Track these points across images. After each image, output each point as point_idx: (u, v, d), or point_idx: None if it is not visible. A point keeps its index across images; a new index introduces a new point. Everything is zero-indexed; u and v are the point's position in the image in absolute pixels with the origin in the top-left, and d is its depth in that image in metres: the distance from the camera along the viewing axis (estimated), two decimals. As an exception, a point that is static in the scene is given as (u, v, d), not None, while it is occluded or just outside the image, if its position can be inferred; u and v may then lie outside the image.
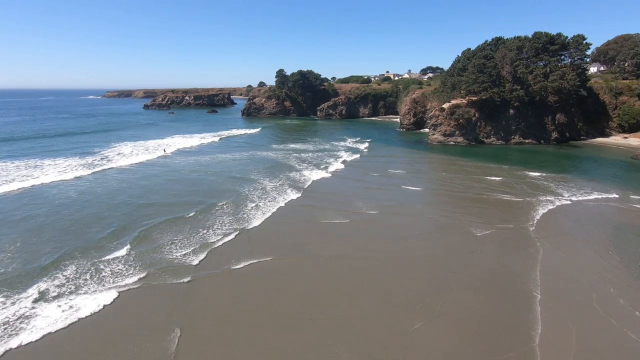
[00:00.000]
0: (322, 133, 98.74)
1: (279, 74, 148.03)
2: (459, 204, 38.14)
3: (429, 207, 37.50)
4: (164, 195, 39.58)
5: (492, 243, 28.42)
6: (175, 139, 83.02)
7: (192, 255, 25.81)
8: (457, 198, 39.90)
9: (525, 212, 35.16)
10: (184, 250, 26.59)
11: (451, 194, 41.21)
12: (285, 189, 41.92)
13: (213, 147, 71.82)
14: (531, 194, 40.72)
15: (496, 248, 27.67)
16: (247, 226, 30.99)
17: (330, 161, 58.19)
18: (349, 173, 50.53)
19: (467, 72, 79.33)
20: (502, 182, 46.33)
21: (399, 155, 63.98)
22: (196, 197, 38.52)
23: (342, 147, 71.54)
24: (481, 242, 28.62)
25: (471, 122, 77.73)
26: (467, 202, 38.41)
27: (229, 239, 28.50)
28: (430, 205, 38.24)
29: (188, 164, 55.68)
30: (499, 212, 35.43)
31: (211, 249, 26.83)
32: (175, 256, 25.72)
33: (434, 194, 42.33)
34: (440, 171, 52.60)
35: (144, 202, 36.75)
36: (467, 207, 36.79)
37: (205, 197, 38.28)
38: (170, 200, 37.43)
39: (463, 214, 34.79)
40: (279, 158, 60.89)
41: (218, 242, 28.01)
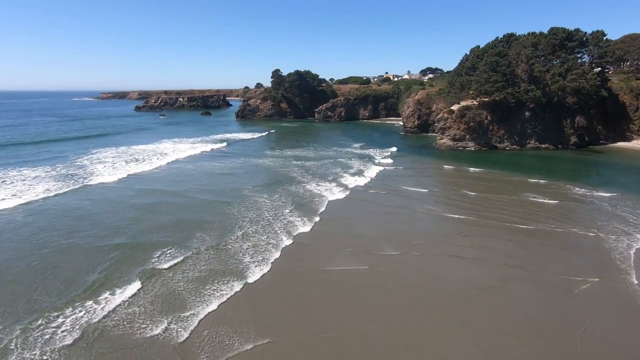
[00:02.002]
0: (322, 137, 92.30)
1: (274, 74, 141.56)
2: (512, 239, 28.50)
3: (475, 243, 27.43)
4: (120, 230, 29.17)
5: (596, 309, 19.77)
6: (162, 144, 76.38)
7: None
8: (508, 231, 30.14)
9: (614, 254, 25.80)
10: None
11: (498, 225, 31.19)
12: (288, 214, 33.19)
13: (201, 154, 65.22)
14: (604, 226, 30.83)
15: (606, 318, 19.00)
16: (236, 286, 21.51)
17: (337, 171, 51.19)
18: (360, 193, 41.15)
19: (478, 71, 73.14)
20: (556, 206, 36.18)
21: (412, 166, 56.10)
22: (168, 233, 28.57)
23: (346, 155, 64.75)
24: (582, 307, 19.95)
25: (483, 126, 71.54)
26: (524, 236, 28.91)
27: (209, 312, 19.17)
28: (474, 239, 28.39)
29: (169, 175, 48.70)
30: (577, 252, 26.59)
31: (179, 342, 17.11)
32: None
33: (473, 223, 31.94)
34: (465, 187, 43.30)
35: (84, 244, 26.53)
36: (527, 245, 27.37)
37: (178, 233, 28.39)
38: (124, 241, 27.19)
39: (525, 256, 25.44)
40: (278, 167, 54.21)
41: (190, 322, 18.34)
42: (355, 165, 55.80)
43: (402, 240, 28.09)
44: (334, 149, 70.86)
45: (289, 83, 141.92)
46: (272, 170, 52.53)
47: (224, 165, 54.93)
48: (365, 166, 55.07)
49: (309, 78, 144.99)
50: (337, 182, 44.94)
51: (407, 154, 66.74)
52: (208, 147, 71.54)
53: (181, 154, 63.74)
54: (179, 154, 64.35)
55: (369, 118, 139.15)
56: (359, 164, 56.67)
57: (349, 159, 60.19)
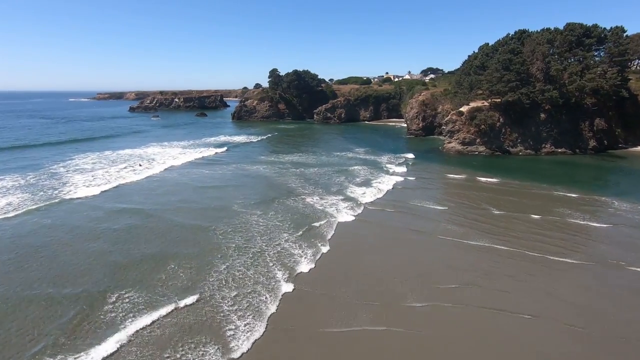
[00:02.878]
0: (322, 140, 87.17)
1: (272, 73, 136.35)
2: (572, 280, 22.39)
3: (522, 288, 21.43)
4: (72, 273, 22.67)
5: None
6: (150, 148, 71.22)
7: None
8: (559, 268, 23.80)
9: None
10: None
11: (541, 258, 24.73)
12: (286, 241, 27.56)
13: (190, 160, 60.00)
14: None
15: None
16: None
17: (342, 181, 45.89)
18: (370, 212, 34.85)
19: (489, 69, 68.11)
20: (611, 232, 29.81)
21: (421, 175, 50.31)
22: (134, 277, 22.29)
23: (350, 161, 59.43)
24: None
25: (494, 129, 66.49)
26: (588, 278, 22.69)
27: None
28: (517, 279, 22.32)
29: (149, 189, 42.88)
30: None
31: None
32: None
33: (509, 255, 25.52)
34: (486, 202, 36.97)
35: (17, 296, 20.37)
36: (595, 292, 21.08)
37: (147, 278, 22.18)
38: (73, 291, 20.77)
39: (598, 312, 19.25)
40: (274, 176, 48.97)
41: None
42: (361, 173, 50.56)
43: (427, 282, 22.21)
44: (336, 154, 65.67)
45: (287, 83, 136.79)
46: (268, 179, 47.33)
47: (213, 174, 49.73)
48: (372, 174, 49.84)
49: (308, 78, 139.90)
50: (343, 195, 39.72)
51: (414, 160, 61.59)
52: (198, 153, 66.32)
53: (167, 161, 58.48)
54: (166, 160, 59.13)
55: (370, 119, 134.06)
56: (365, 172, 51.45)
57: (353, 166, 54.98)
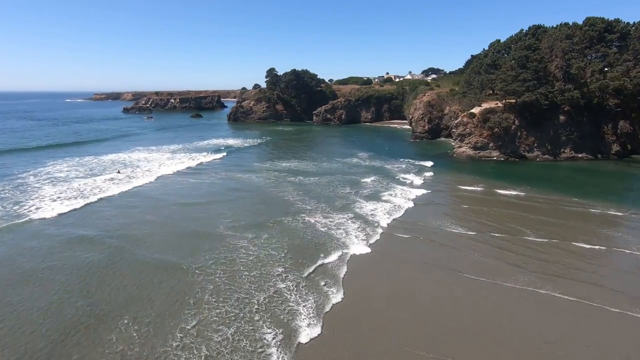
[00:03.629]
0: (322, 143, 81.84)
1: (269, 73, 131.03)
2: None
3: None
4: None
5: None
6: (136, 153, 65.83)
7: None
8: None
9: None
10: None
11: (625, 318, 18.63)
12: (283, 287, 21.50)
13: (178, 167, 54.61)
14: None
15: None
16: None
17: (347, 193, 40.43)
18: (386, 240, 28.31)
19: (504, 67, 62.87)
20: None
21: (435, 187, 44.31)
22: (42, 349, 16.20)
23: (354, 168, 54.07)
24: None
25: (509, 132, 61.22)
26: None
27: None
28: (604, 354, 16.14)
29: (122, 207, 36.72)
30: None
31: None
32: None
33: (575, 310, 19.30)
34: (520, 224, 30.86)
35: None
36: None
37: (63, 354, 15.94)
38: None
39: None
40: (269, 187, 43.54)
41: None
42: (368, 183, 45.11)
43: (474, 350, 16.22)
44: (338, 160, 60.25)
45: (285, 83, 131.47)
46: (262, 191, 41.92)
47: (200, 185, 44.31)
48: (381, 185, 44.45)
49: (307, 78, 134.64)
50: (350, 212, 34.25)
51: (423, 167, 56.21)
52: (187, 159, 60.89)
53: (152, 169, 53.09)
54: (151, 168, 53.72)
55: (371, 121, 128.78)
56: (372, 181, 46.03)
57: (358, 175, 49.60)
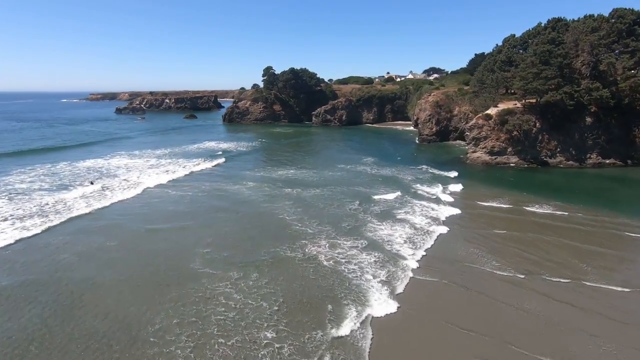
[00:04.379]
0: (322, 147, 75.75)
1: (266, 72, 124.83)
2: None
3: None
4: None
5: None
6: (117, 159, 59.75)
7: None
8: None
9: None
10: None
11: None
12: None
13: (159, 176, 48.55)
14: None
15: None
16: None
17: (355, 210, 34.36)
18: (418, 290, 21.44)
19: (523, 64, 56.85)
20: None
21: (458, 203, 37.69)
22: None
23: (360, 177, 47.96)
24: None
25: (530, 135, 55.22)
26: None
27: None
28: None
29: (79, 230, 30.61)
30: None
31: None
32: None
33: None
34: (583, 260, 24.64)
35: None
36: None
37: None
38: None
39: None
40: (262, 202, 37.22)
41: None
42: (379, 196, 38.72)
43: None
44: (341, 167, 54.07)
45: (283, 82, 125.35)
46: (253, 208, 35.66)
47: (180, 200, 38.08)
48: (395, 199, 38.08)
49: (306, 77, 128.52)
50: (362, 238, 28.11)
51: (437, 175, 50.16)
52: (172, 165, 54.81)
53: (130, 178, 47.05)
54: (129, 177, 47.67)
55: (373, 122, 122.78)
56: (383, 194, 39.65)
57: (366, 185, 43.49)
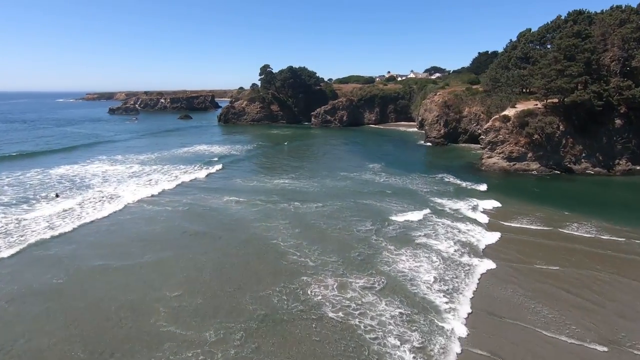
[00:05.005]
0: (323, 151, 70.18)
1: (263, 70, 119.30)
2: None
3: None
4: None
5: None
6: (95, 165, 54.16)
7: None
8: None
9: None
10: None
11: None
12: None
13: (139, 188, 43.09)
14: None
15: None
16: None
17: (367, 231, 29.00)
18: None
19: (545, 60, 51.48)
20: None
21: (488, 222, 32.72)
22: None
23: (368, 188, 42.22)
24: None
25: (553, 139, 49.84)
26: None
27: None
28: None
29: (18, 271, 25.95)
30: None
31: None
32: None
33: None
34: None
35: None
36: None
37: None
38: None
39: None
40: (251, 220, 31.63)
41: None
42: (393, 214, 32.83)
43: None
44: (344, 175, 48.50)
45: (281, 81, 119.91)
46: (239, 231, 29.91)
47: (154, 219, 32.38)
48: (413, 216, 32.36)
49: (305, 76, 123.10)
50: (379, 274, 22.65)
51: (450, 182, 44.75)
52: (155, 173, 49.28)
53: (105, 189, 41.57)
54: (103, 189, 42.19)
55: (375, 122, 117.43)
56: (399, 211, 33.76)
57: (376, 198, 37.82)
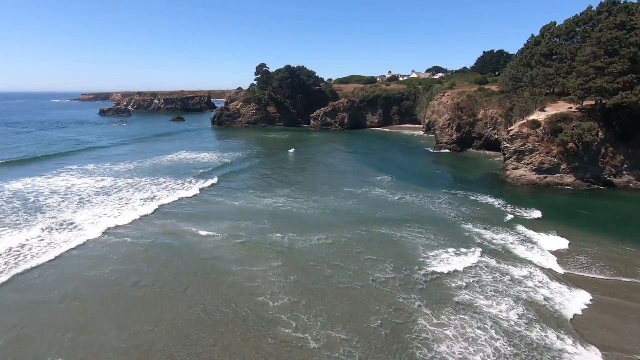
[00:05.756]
0: (324, 159, 63.08)
1: (259, 70, 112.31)
2: None
3: None
4: None
5: None
6: (59, 178, 46.96)
7: None
8: None
9: None
10: None
11: None
12: None
13: (104, 208, 36.07)
14: None
15: None
16: None
17: (383, 281, 21.97)
18: None
19: (582, 56, 44.48)
20: None
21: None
22: None
23: (380, 211, 34.96)
24: None
25: (590, 148, 42.82)
26: None
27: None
28: None
29: None
30: None
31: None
32: None
33: None
34: None
35: None
36: None
37: None
38: None
39: None
40: (233, 262, 24.59)
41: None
42: (421, 252, 25.74)
43: None
44: (350, 190, 41.25)
45: (279, 82, 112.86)
46: (213, 278, 22.78)
47: (107, 255, 25.44)
48: (443, 251, 25.50)
49: (304, 75, 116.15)
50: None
51: (490, 208, 37.80)
52: (123, 192, 42.11)
53: (59, 216, 34.57)
54: (57, 214, 35.20)
55: (379, 125, 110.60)
56: (424, 246, 26.71)
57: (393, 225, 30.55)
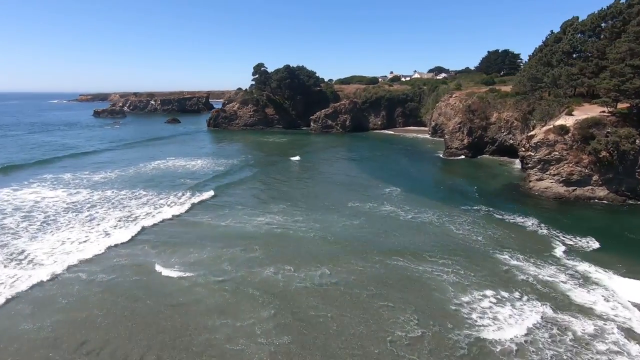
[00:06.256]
0: (325, 167, 58.06)
1: (257, 69, 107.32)
2: None
3: None
4: None
5: None
6: (28, 190, 42.21)
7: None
8: None
9: None
10: None
11: None
12: None
13: (68, 232, 31.23)
14: None
15: None
16: None
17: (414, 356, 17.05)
18: None
19: (614, 53, 39.52)
20: None
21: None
22: None
23: (394, 237, 30.07)
24: None
25: (627, 157, 37.88)
26: None
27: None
28: None
29: None
30: None
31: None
32: None
33: None
34: None
35: None
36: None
37: None
38: None
39: None
40: (211, 312, 20.31)
41: None
42: (451, 296, 21.07)
43: None
44: (356, 206, 36.34)
45: (277, 82, 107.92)
46: (183, 338, 17.96)
47: (53, 302, 20.87)
48: (482, 299, 20.77)
49: (303, 75, 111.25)
50: None
51: (527, 233, 32.92)
52: (99, 207, 37.29)
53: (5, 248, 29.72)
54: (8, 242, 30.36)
55: (382, 127, 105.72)
56: (450, 283, 22.21)
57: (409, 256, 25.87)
